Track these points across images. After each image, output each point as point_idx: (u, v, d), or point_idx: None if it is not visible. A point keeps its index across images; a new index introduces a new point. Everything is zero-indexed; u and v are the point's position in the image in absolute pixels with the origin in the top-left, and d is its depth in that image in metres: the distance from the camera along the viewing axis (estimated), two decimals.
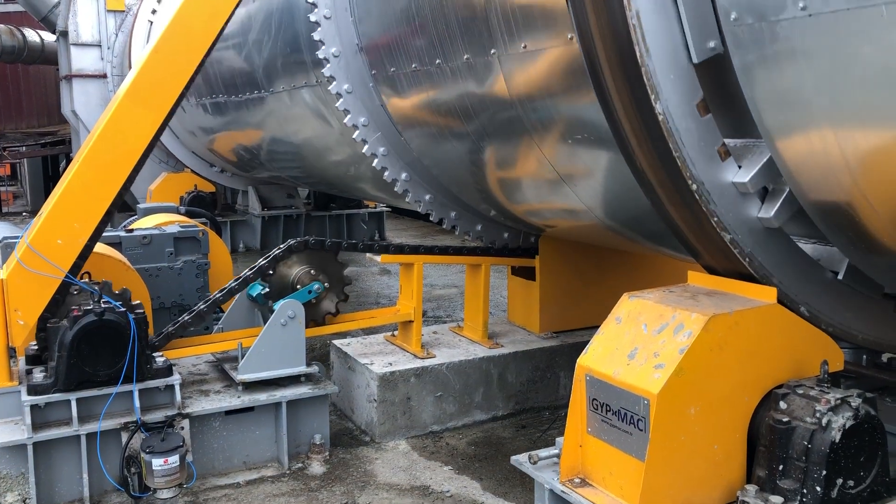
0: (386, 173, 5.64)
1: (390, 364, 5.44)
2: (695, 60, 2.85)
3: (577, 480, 3.16)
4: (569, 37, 3.41)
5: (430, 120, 5.19)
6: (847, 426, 2.78)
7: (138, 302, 4.76)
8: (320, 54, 5.41)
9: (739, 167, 2.98)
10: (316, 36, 5.39)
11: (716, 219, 2.99)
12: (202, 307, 5.07)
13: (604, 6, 2.86)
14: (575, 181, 4.20)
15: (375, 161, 5.61)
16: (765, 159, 2.92)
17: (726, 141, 2.98)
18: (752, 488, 2.93)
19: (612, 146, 3.28)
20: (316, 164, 8.30)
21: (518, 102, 4.05)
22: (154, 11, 12.80)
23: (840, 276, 3.16)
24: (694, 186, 2.95)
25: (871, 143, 2.48)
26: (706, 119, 2.91)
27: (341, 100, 5.48)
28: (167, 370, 4.62)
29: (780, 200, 2.96)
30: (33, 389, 4.34)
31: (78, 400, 4.38)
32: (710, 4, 2.76)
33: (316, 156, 7.99)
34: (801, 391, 2.91)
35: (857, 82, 2.36)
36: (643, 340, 3.02)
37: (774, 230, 3.05)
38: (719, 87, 2.94)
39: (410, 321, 5.69)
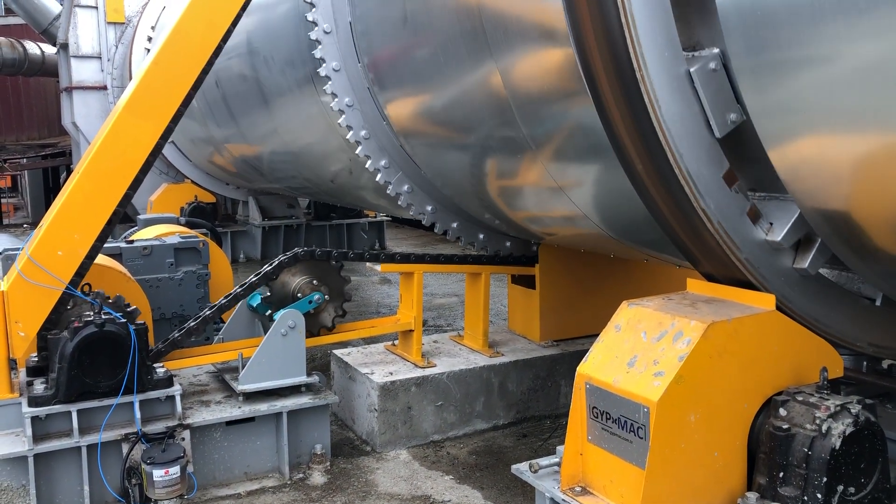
0: (390, 188, 5.67)
1: (391, 373, 5.44)
2: (718, 136, 2.93)
3: (577, 489, 3.15)
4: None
5: (431, 132, 5.21)
6: (847, 433, 2.78)
7: (136, 308, 4.76)
8: (322, 71, 5.43)
9: (770, 224, 3.07)
10: (317, 54, 5.41)
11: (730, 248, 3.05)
12: (207, 313, 5.08)
13: (624, 97, 2.94)
14: (574, 190, 4.21)
15: (379, 176, 5.63)
16: (795, 216, 3.00)
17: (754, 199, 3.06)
18: (752, 496, 2.93)
19: (611, 155, 3.29)
20: (316, 174, 8.32)
21: (518, 113, 4.07)
22: (153, 27, 12.84)
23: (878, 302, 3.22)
24: (719, 240, 3.04)
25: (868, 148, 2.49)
26: (734, 189, 3.01)
27: (343, 116, 5.50)
28: (168, 381, 4.62)
29: (814, 251, 3.06)
30: (34, 401, 4.34)
31: (79, 411, 4.38)
32: (726, 80, 2.84)
33: (317, 165, 8.01)
34: (800, 398, 2.91)
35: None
36: (642, 348, 3.02)
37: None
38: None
39: (411, 330, 5.69)
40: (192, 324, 5.03)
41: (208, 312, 5.09)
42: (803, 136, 2.66)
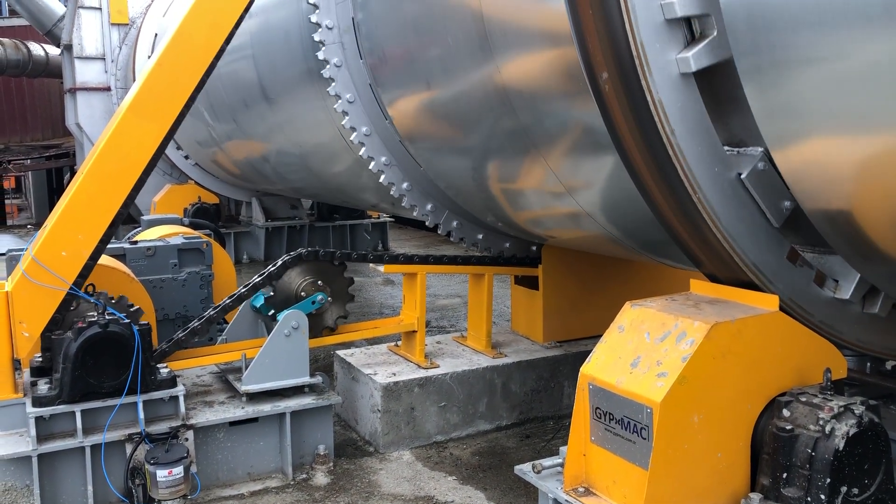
0: (393, 189, 5.67)
1: (394, 374, 5.45)
2: (776, 225, 3.04)
3: (580, 489, 3.15)
4: None
5: (434, 133, 5.21)
6: (851, 434, 2.77)
7: (139, 309, 4.77)
8: (325, 73, 5.44)
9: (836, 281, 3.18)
10: (321, 55, 5.42)
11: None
12: (212, 313, 5.08)
13: (682, 215, 3.05)
14: (579, 191, 4.22)
15: (383, 177, 5.63)
16: (857, 279, 3.12)
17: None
18: (756, 496, 2.93)
19: (615, 156, 3.29)
20: (320, 175, 8.33)
21: (520, 112, 4.07)
22: (157, 26, 12.88)
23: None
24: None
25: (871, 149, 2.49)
26: (798, 266, 3.14)
27: (347, 118, 5.51)
28: (171, 381, 4.63)
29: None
30: (38, 401, 4.35)
31: (82, 411, 4.38)
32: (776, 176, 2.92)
33: (320, 166, 8.02)
34: (804, 399, 2.91)
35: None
36: (646, 349, 3.02)
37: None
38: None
39: (414, 331, 5.69)
40: (196, 324, 5.03)
41: (212, 312, 5.10)
42: (806, 138, 2.66)
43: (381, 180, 5.67)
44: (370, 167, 5.65)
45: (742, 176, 2.94)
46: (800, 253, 3.13)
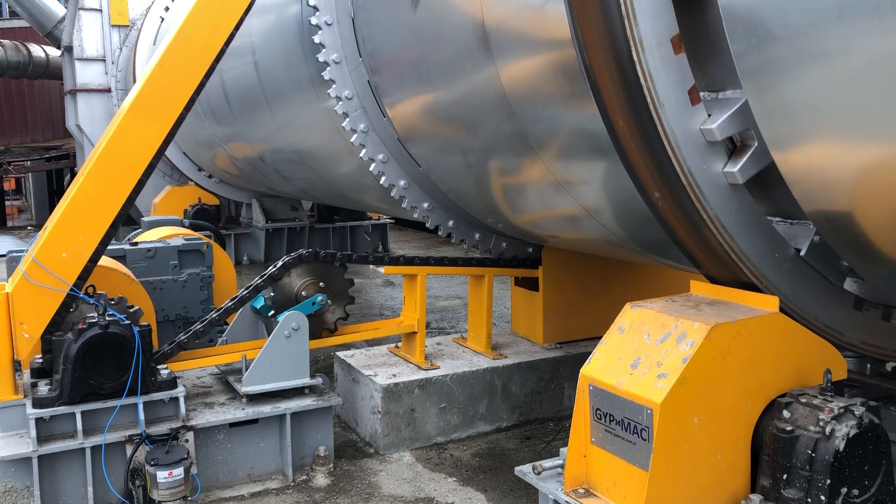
0: (394, 191, 5.68)
1: (394, 375, 5.45)
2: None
3: (581, 491, 3.15)
4: None
5: (434, 134, 5.22)
6: (851, 435, 2.77)
7: (139, 310, 4.77)
8: (326, 75, 5.45)
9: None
10: (321, 57, 5.42)
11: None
12: (213, 316, 5.08)
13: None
14: (576, 190, 4.22)
15: (383, 179, 5.63)
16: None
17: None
18: (756, 497, 2.93)
19: (614, 156, 3.29)
20: (321, 177, 8.33)
21: (519, 113, 4.07)
22: (157, 26, 12.88)
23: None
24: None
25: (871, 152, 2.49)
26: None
27: (347, 119, 5.52)
28: (171, 383, 4.63)
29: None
30: (38, 402, 4.35)
31: (83, 413, 4.39)
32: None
33: (320, 168, 8.02)
34: (804, 400, 2.91)
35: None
36: (646, 350, 3.02)
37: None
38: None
39: (414, 332, 5.69)
40: (199, 327, 5.04)
41: (215, 315, 5.10)
42: (807, 138, 2.66)
43: (381, 182, 5.67)
44: (370, 169, 5.66)
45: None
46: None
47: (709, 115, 2.93)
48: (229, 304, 5.14)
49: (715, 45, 2.86)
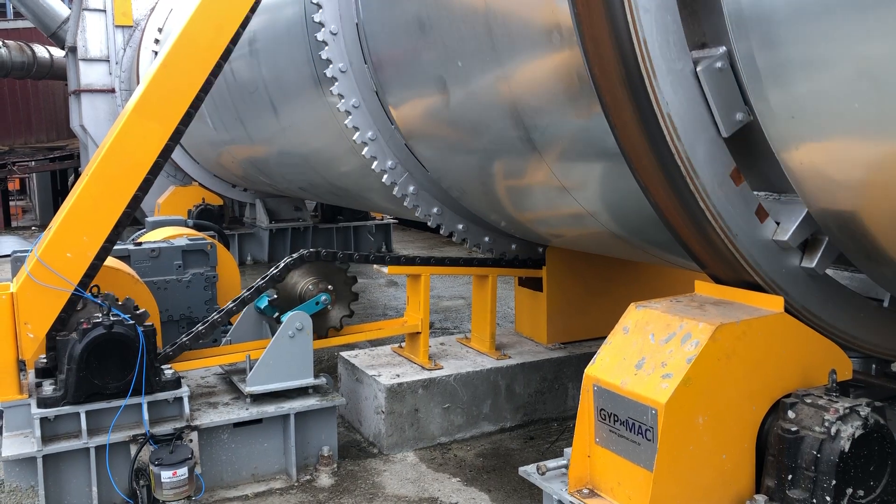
0: (395, 189, 5.68)
1: (398, 376, 5.45)
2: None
3: (585, 491, 3.15)
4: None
5: (438, 133, 5.22)
6: (856, 435, 2.77)
7: (144, 310, 4.78)
8: (328, 72, 5.44)
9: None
10: (324, 55, 5.42)
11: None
12: (216, 316, 5.09)
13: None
14: (579, 191, 4.22)
15: (385, 177, 5.63)
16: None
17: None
18: (761, 498, 2.92)
19: (618, 156, 3.29)
20: (323, 177, 8.34)
21: (524, 116, 4.07)
22: (160, 29, 12.90)
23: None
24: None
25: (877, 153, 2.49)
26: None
27: (349, 117, 5.51)
28: (176, 383, 4.64)
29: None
30: (43, 402, 4.36)
31: (87, 413, 4.39)
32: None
33: (324, 168, 8.02)
34: (809, 400, 2.90)
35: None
36: (651, 350, 3.02)
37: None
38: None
39: (418, 333, 5.69)
40: (201, 328, 5.04)
41: (217, 316, 5.10)
42: (813, 138, 2.66)
43: (384, 180, 5.66)
44: (373, 167, 5.65)
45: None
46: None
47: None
48: (231, 306, 5.15)
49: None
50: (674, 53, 2.86)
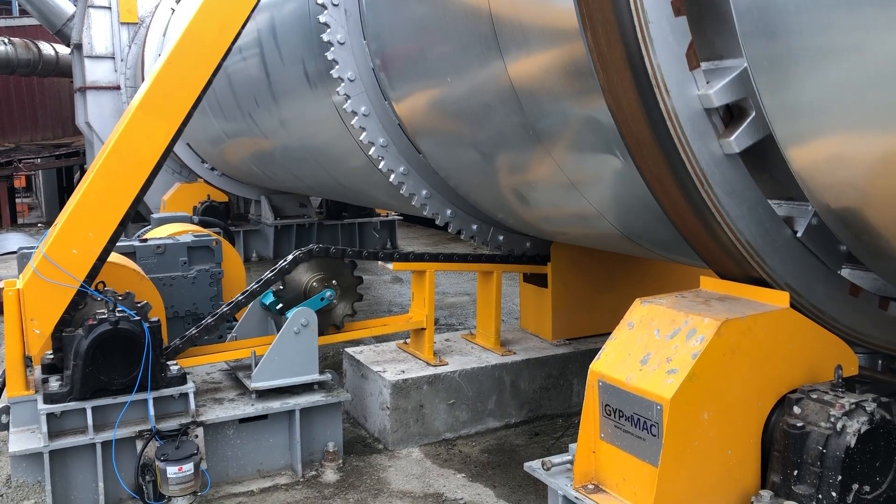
0: (403, 189, 5.68)
1: (403, 372, 5.45)
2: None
3: (590, 486, 3.15)
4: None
5: (442, 130, 5.21)
6: (862, 431, 2.76)
7: (149, 306, 4.79)
8: (334, 73, 5.44)
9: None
10: (329, 56, 5.41)
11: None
12: (224, 310, 5.10)
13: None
14: (586, 187, 4.21)
15: (392, 176, 5.63)
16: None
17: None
18: (766, 494, 2.91)
19: (623, 151, 3.28)
20: (330, 173, 8.34)
21: (528, 109, 4.06)
22: (165, 26, 12.92)
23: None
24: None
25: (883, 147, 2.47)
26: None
27: (356, 118, 5.51)
28: (181, 378, 4.65)
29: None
30: (49, 398, 4.38)
31: (93, 408, 4.41)
32: None
33: (329, 165, 8.03)
34: (815, 396, 2.90)
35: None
36: (656, 346, 3.01)
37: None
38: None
39: (423, 329, 5.69)
40: (210, 321, 5.05)
41: (225, 309, 5.11)
42: (820, 135, 2.64)
43: (390, 180, 5.67)
44: (380, 167, 5.65)
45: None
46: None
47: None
48: (240, 298, 5.15)
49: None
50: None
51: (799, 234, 3.05)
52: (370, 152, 5.61)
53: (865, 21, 2.25)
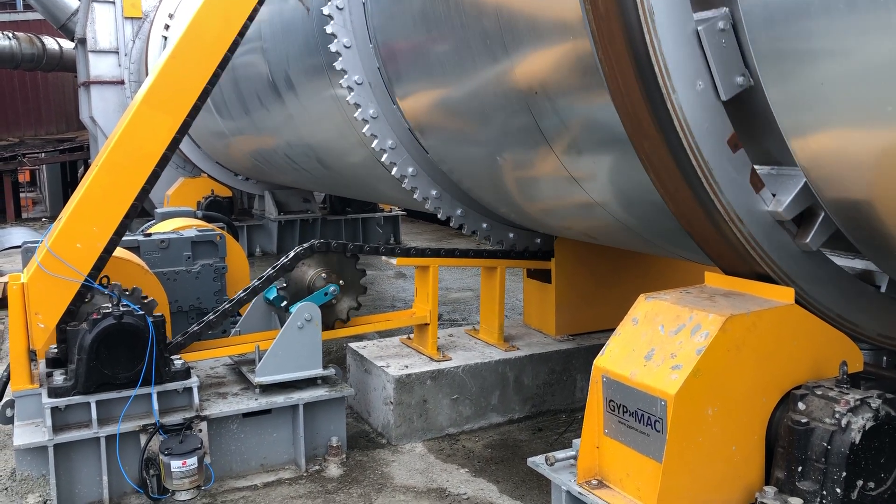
0: (405, 182, 5.67)
1: (406, 367, 5.45)
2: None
3: (594, 482, 3.15)
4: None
5: (445, 125, 5.20)
6: (867, 427, 2.75)
7: (153, 301, 4.80)
8: (338, 65, 5.42)
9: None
10: (332, 47, 5.39)
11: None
12: (227, 306, 5.11)
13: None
14: (588, 181, 4.20)
15: (395, 170, 5.62)
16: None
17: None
18: (770, 490, 2.91)
19: (628, 146, 3.27)
20: (334, 168, 8.34)
21: (534, 105, 4.05)
22: (171, 16, 12.90)
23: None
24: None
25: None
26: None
27: (359, 110, 5.50)
28: (185, 373, 4.65)
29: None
30: (53, 392, 4.39)
31: (97, 402, 4.42)
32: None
33: (333, 160, 8.02)
34: (819, 392, 2.89)
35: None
36: (660, 341, 3.01)
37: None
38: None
39: (426, 324, 5.69)
40: (212, 317, 5.06)
41: (229, 306, 5.11)
42: (824, 126, 2.63)
43: (393, 173, 5.66)
44: (382, 159, 5.64)
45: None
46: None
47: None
48: (242, 295, 5.16)
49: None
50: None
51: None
52: (382, 159, 5.62)
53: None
